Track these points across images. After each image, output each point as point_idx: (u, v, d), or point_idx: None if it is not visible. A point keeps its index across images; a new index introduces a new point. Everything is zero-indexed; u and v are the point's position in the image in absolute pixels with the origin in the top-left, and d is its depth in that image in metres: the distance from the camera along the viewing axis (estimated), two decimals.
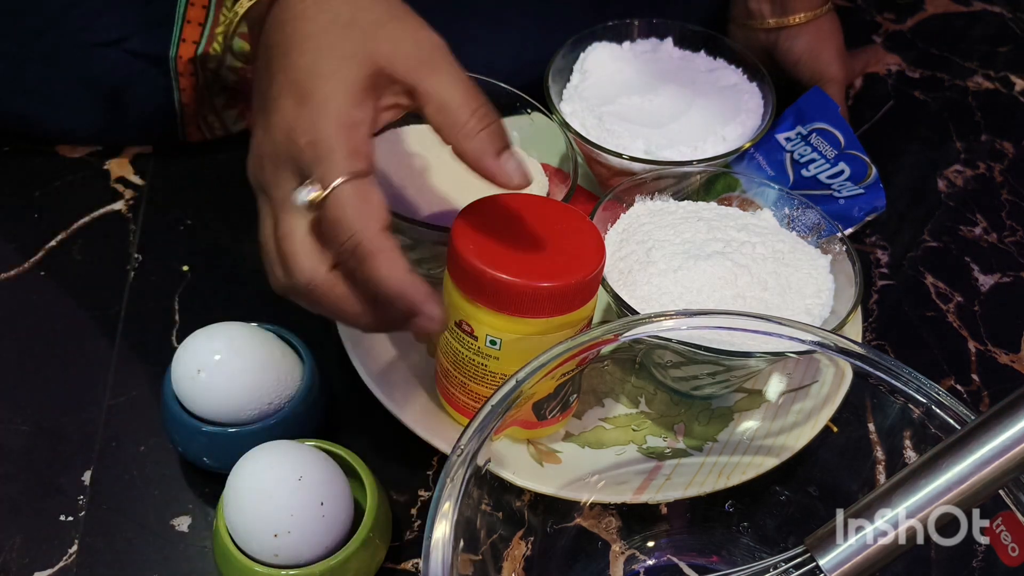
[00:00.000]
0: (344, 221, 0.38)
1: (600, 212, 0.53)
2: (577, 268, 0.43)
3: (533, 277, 0.42)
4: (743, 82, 0.64)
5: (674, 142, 0.59)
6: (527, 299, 0.42)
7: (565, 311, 0.44)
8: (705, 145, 0.59)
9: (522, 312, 0.43)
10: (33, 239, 0.60)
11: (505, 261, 0.42)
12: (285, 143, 0.40)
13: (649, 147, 0.58)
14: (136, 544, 0.47)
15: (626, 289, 0.50)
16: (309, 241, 0.40)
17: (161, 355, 0.54)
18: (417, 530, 0.49)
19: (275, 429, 0.47)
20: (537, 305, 0.43)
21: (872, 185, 0.62)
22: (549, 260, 0.43)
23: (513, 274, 0.42)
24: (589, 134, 0.59)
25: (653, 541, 0.47)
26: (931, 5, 0.87)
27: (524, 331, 0.44)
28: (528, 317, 0.43)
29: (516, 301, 0.42)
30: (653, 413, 0.51)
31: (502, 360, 0.45)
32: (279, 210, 0.40)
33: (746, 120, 0.61)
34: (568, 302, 0.44)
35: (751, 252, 0.51)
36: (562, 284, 0.42)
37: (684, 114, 0.61)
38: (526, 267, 0.42)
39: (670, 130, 0.60)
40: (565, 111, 0.60)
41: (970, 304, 0.63)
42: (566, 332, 0.44)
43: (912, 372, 0.41)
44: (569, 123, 0.59)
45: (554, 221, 0.45)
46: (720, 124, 0.60)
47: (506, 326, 0.44)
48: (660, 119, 0.61)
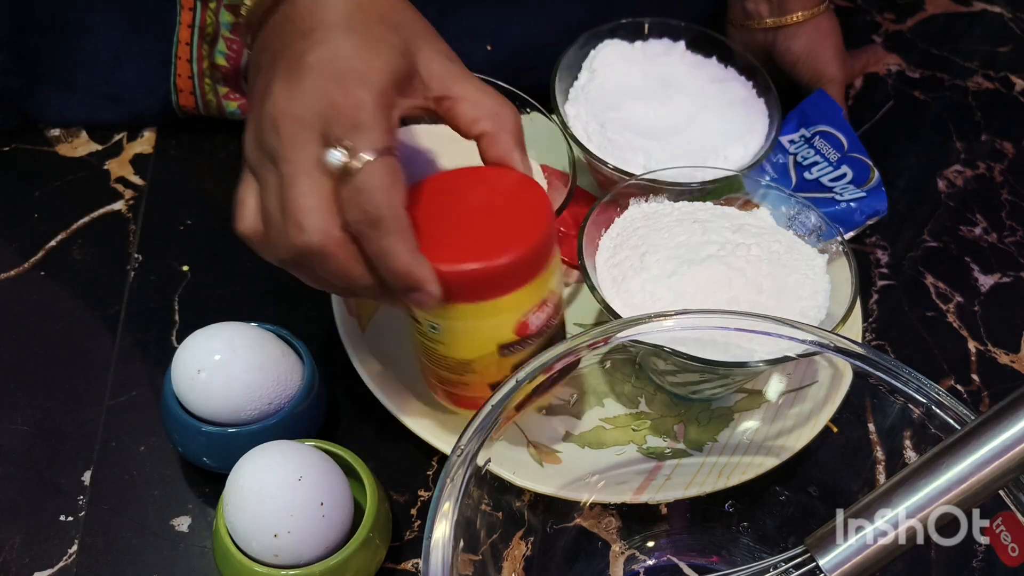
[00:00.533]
0: (374, 191, 0.39)
1: (594, 216, 0.53)
2: (502, 249, 0.40)
3: (452, 261, 0.40)
4: (751, 97, 0.63)
5: (674, 158, 0.58)
6: (450, 284, 0.40)
7: (497, 294, 0.41)
8: (705, 163, 0.58)
9: (450, 298, 0.41)
10: (33, 239, 0.60)
11: (432, 244, 0.40)
12: (320, 104, 0.40)
13: (648, 162, 0.58)
14: (136, 544, 0.47)
15: (619, 297, 0.50)
16: (326, 203, 0.40)
17: (161, 355, 0.54)
18: (417, 530, 0.49)
19: (275, 429, 0.47)
20: (464, 290, 0.41)
21: (874, 189, 0.62)
22: (480, 240, 0.41)
23: (435, 258, 0.40)
24: (591, 141, 0.58)
25: (653, 541, 0.47)
26: (931, 5, 0.87)
27: (457, 316, 0.42)
28: (458, 303, 0.41)
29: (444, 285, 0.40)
30: (653, 413, 0.51)
31: (448, 345, 0.44)
32: (296, 170, 0.40)
33: (749, 142, 0.60)
34: (498, 284, 0.41)
35: (746, 254, 0.51)
36: (483, 267, 0.40)
37: (689, 128, 0.60)
38: (452, 250, 0.40)
39: (672, 144, 0.59)
40: (569, 112, 0.60)
41: (970, 304, 0.63)
42: (513, 314, 0.42)
43: (912, 372, 0.41)
44: (571, 127, 0.59)
45: (498, 196, 0.43)
46: (723, 143, 0.60)
47: (441, 312, 0.42)
48: (664, 131, 0.60)
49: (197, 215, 0.63)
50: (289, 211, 0.40)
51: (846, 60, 0.70)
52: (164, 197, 0.64)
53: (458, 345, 0.43)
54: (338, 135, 0.39)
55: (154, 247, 0.60)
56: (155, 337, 0.56)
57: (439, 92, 0.43)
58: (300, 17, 0.42)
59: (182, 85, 0.64)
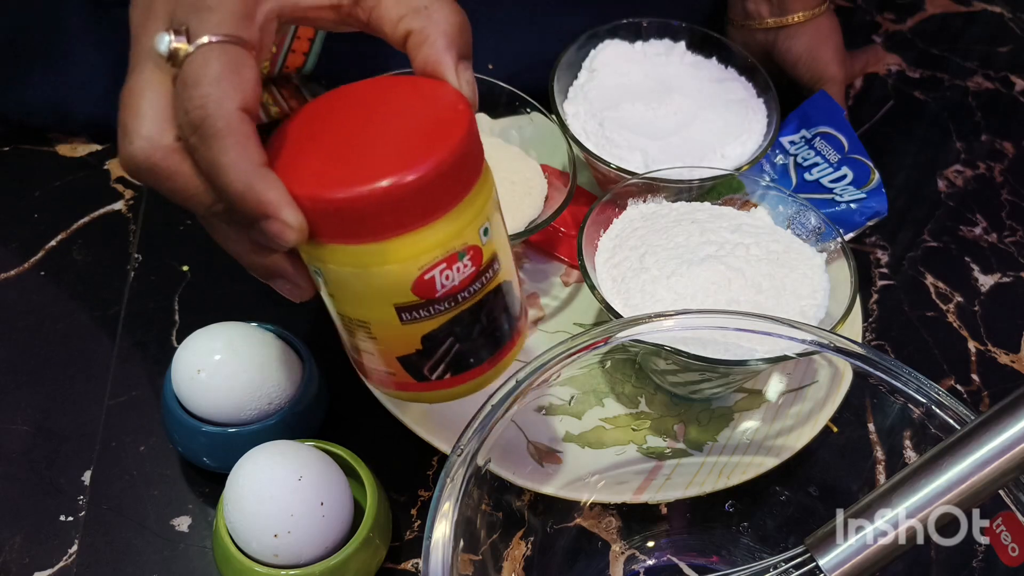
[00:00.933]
0: (200, 85, 0.31)
1: (593, 216, 0.53)
2: (387, 172, 0.31)
3: (324, 186, 0.32)
4: (751, 97, 0.63)
5: (673, 157, 0.58)
6: (316, 216, 0.32)
7: (380, 234, 0.33)
8: (703, 162, 0.58)
9: (321, 234, 0.33)
10: (33, 239, 0.60)
11: (308, 167, 0.33)
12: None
13: (647, 160, 0.58)
14: (136, 544, 0.47)
15: (619, 298, 0.50)
16: (159, 104, 0.33)
17: (161, 355, 0.54)
18: (417, 530, 0.49)
19: (275, 429, 0.47)
20: (335, 224, 0.33)
21: (874, 190, 0.62)
22: (363, 163, 0.33)
23: (304, 184, 0.32)
24: (589, 139, 0.58)
25: (653, 541, 0.47)
26: (931, 5, 0.87)
27: (334, 260, 0.34)
28: (331, 241, 0.33)
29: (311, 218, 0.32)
30: (653, 413, 0.51)
31: (336, 298, 0.36)
32: (133, 64, 0.34)
33: (748, 141, 0.60)
34: (379, 221, 0.32)
35: (745, 254, 0.51)
36: (357, 194, 0.31)
37: (687, 127, 0.60)
38: (328, 174, 0.32)
39: (670, 143, 0.59)
40: (568, 111, 0.60)
41: (970, 304, 0.63)
42: (404, 264, 0.34)
43: (912, 372, 0.41)
44: (570, 126, 0.59)
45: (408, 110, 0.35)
46: (722, 142, 0.60)
47: (317, 252, 0.34)
48: (662, 130, 0.60)
49: None
50: (120, 113, 0.33)
51: (846, 60, 0.70)
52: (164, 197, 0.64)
53: (345, 299, 0.36)
54: (180, 19, 0.32)
55: (154, 247, 0.60)
56: (155, 337, 0.56)
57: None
58: None
59: None
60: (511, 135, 0.59)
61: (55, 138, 0.66)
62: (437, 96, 0.34)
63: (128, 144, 0.33)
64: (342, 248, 0.33)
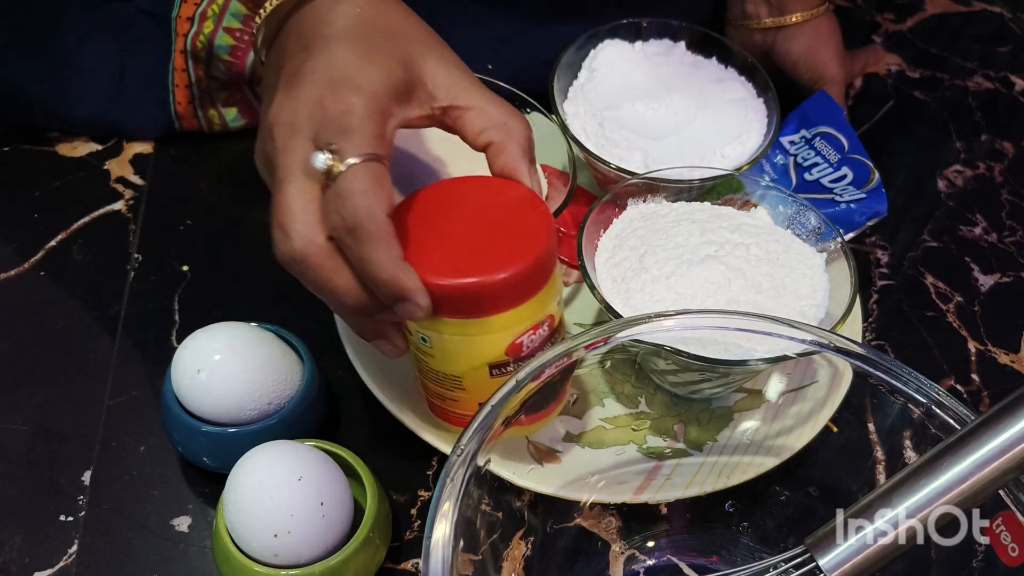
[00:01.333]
0: (353, 197, 0.38)
1: (593, 216, 0.53)
2: (498, 265, 0.39)
3: (445, 274, 0.39)
4: (750, 97, 0.63)
5: (673, 157, 0.58)
6: (442, 299, 0.39)
7: (490, 312, 0.40)
8: (703, 162, 0.58)
9: (442, 312, 0.40)
10: (33, 239, 0.60)
11: (425, 257, 0.40)
12: (312, 109, 0.39)
13: (646, 160, 0.57)
14: (136, 544, 0.47)
15: (619, 297, 0.50)
16: (311, 209, 0.39)
17: (161, 355, 0.54)
18: (417, 530, 0.49)
19: (275, 429, 0.47)
20: (456, 305, 0.40)
21: (874, 190, 0.62)
22: (477, 255, 0.40)
23: (430, 271, 0.39)
24: (588, 139, 0.58)
25: (653, 541, 0.47)
26: (931, 5, 0.87)
27: (447, 330, 0.41)
28: (450, 317, 0.41)
29: (435, 298, 0.39)
30: (653, 413, 0.51)
31: (437, 359, 0.43)
32: (284, 175, 0.39)
33: (747, 140, 0.60)
34: (490, 302, 0.40)
35: (745, 254, 0.51)
36: (476, 283, 0.39)
37: (687, 127, 0.60)
38: (447, 264, 0.40)
39: (670, 143, 0.59)
40: (568, 111, 0.60)
41: (970, 304, 0.63)
42: (505, 334, 0.42)
43: (912, 372, 0.41)
44: (569, 126, 0.59)
45: (499, 209, 0.42)
46: (721, 142, 0.59)
47: (430, 324, 0.41)
48: (662, 130, 0.60)
49: (197, 215, 0.63)
50: (275, 215, 0.40)
51: (846, 60, 0.70)
52: (164, 197, 0.64)
53: (447, 360, 0.43)
54: (327, 139, 0.39)
55: (154, 247, 0.60)
56: (155, 337, 0.56)
57: (446, 102, 0.42)
58: (305, 31, 0.42)
59: (183, 111, 0.65)
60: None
61: (55, 138, 0.66)
62: (517, 196, 0.42)
63: (286, 241, 0.39)
64: (455, 321, 0.41)
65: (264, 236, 0.41)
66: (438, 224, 0.41)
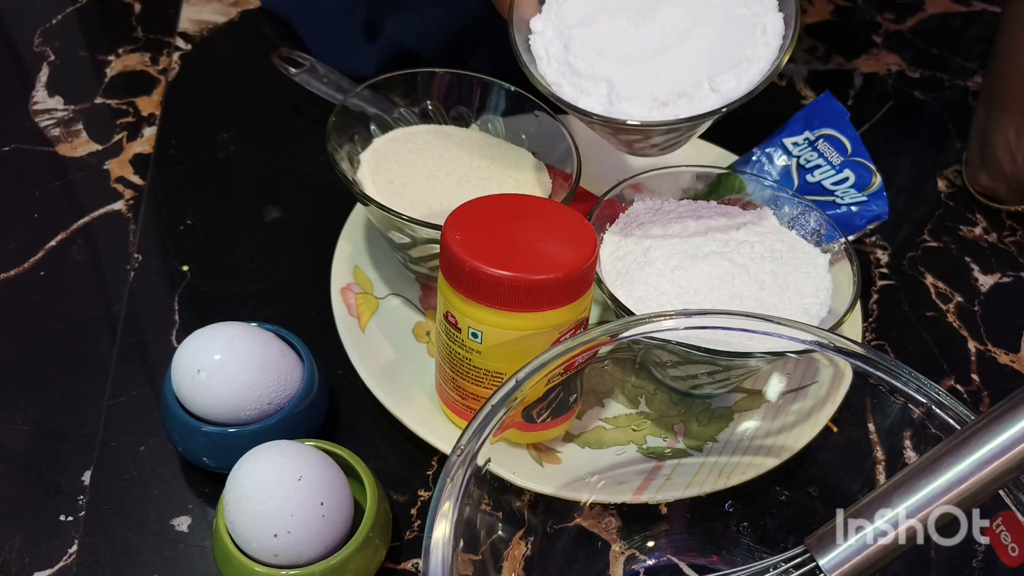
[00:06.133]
0: None
1: (598, 212, 0.53)
2: (560, 265, 0.43)
3: (513, 269, 0.43)
4: (765, 11, 0.47)
5: (645, 91, 0.46)
6: (504, 290, 0.43)
7: (546, 307, 0.44)
8: (683, 99, 0.46)
9: (500, 304, 0.43)
10: (33, 239, 0.60)
11: (488, 253, 0.43)
12: None
13: (611, 95, 0.46)
14: (136, 544, 0.47)
15: (623, 289, 0.50)
16: None
17: (161, 355, 0.54)
18: (417, 530, 0.49)
19: (275, 429, 0.47)
20: (516, 298, 0.43)
21: (876, 193, 0.62)
22: (534, 255, 0.44)
23: (493, 264, 0.42)
24: (549, 65, 0.48)
25: (653, 541, 0.47)
26: (931, 5, 0.87)
27: (504, 324, 0.44)
28: (506, 310, 0.44)
29: (494, 291, 0.43)
30: (653, 413, 0.51)
31: (484, 354, 0.45)
32: None
33: (746, 70, 0.46)
34: (549, 298, 0.44)
35: (749, 252, 0.51)
36: (543, 278, 0.43)
37: (672, 49, 0.47)
38: (509, 260, 0.43)
39: (645, 71, 0.47)
40: (535, 28, 0.48)
41: (970, 304, 0.63)
42: (551, 332, 0.45)
43: (912, 372, 0.41)
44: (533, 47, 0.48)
45: (547, 219, 0.46)
46: (712, 72, 0.46)
47: (485, 317, 0.44)
48: (640, 53, 0.47)
49: (197, 215, 0.63)
50: None
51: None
52: (164, 197, 0.64)
53: (495, 355, 0.45)
54: None
55: (154, 247, 0.60)
56: (155, 337, 0.56)
57: None
58: None
59: None
60: (520, 136, 0.59)
61: (55, 138, 0.66)
62: (566, 213, 0.47)
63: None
64: (512, 314, 0.44)
65: (265, 236, 0.41)
66: (506, 229, 0.45)
